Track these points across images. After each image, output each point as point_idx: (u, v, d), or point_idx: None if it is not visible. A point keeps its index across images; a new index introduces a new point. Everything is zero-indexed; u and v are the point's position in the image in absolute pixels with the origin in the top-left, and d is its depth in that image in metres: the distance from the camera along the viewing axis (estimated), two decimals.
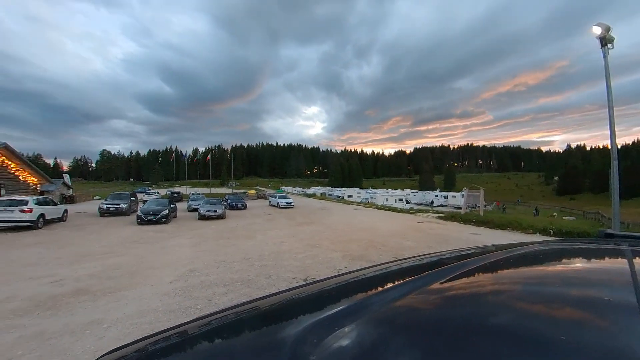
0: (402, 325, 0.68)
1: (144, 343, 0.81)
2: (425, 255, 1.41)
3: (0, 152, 16.50)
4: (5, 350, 3.40)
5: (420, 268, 1.22)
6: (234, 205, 23.20)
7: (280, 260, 7.28)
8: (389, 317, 0.72)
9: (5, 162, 16.91)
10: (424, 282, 0.90)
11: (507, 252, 1.25)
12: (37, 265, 7.30)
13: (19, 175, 18.07)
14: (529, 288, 0.88)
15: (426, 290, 0.85)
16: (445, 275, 0.94)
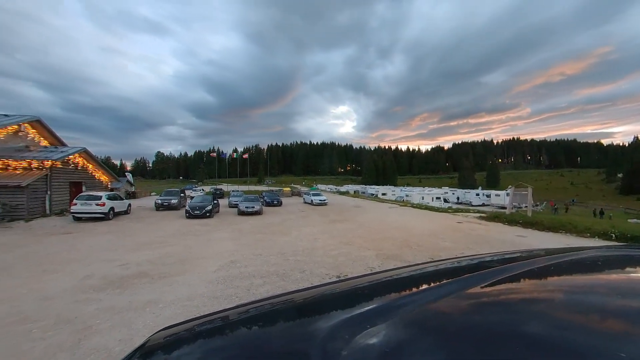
0: (437, 329, 0.65)
1: (192, 324, 0.89)
2: (464, 257, 1.34)
3: (81, 156, 19.76)
4: (87, 319, 4.08)
5: (459, 270, 1.18)
6: (270, 202, 24.01)
7: (313, 256, 7.45)
8: (423, 320, 0.69)
9: (85, 163, 20.14)
10: (462, 285, 0.85)
11: (559, 257, 1.13)
12: (109, 250, 8.46)
13: (95, 174, 21.26)
14: (585, 299, 0.79)
15: (464, 294, 0.80)
16: (486, 279, 0.87)
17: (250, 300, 1.03)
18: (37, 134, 19.23)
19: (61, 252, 8.21)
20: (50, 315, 4.24)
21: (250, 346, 0.74)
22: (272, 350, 0.69)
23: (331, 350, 0.57)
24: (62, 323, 3.98)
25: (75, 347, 3.36)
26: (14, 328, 3.87)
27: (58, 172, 17.16)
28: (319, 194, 27.87)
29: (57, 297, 4.91)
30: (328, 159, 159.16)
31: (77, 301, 4.73)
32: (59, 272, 6.37)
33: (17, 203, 14.44)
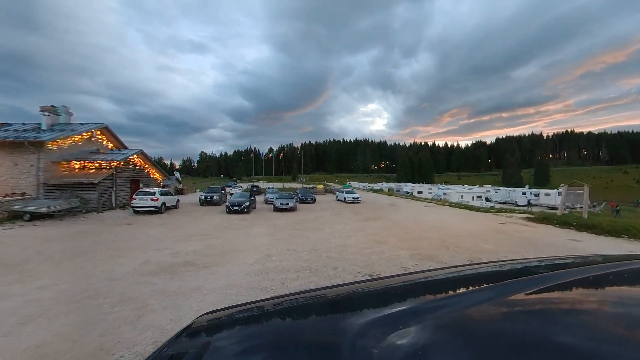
0: (473, 336, 0.61)
1: (231, 310, 0.97)
2: (507, 261, 1.25)
3: (139, 157, 22.43)
4: (144, 299, 4.67)
5: (501, 275, 1.10)
6: (304, 199, 24.50)
7: (346, 254, 7.51)
8: (459, 325, 0.66)
9: (141, 163, 22.86)
10: (504, 291, 0.81)
11: (619, 265, 1.01)
12: (161, 240, 9.43)
13: (149, 173, 23.99)
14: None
15: (506, 300, 0.75)
16: (532, 286, 0.81)
17: (284, 293, 1.08)
18: (105, 138, 22.19)
19: (125, 240, 9.37)
20: (117, 293, 4.93)
21: (283, 335, 0.77)
22: (304, 342, 0.71)
23: (362, 347, 0.57)
24: (125, 300, 4.61)
25: (136, 322, 3.90)
26: (89, 302, 4.59)
27: (121, 171, 19.37)
28: (352, 192, 27.74)
29: (122, 279, 5.67)
30: (361, 156, 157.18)
31: (137, 283, 5.42)
32: (123, 257, 7.31)
33: (90, 197, 16.71)
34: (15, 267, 6.55)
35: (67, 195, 16.29)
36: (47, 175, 16.73)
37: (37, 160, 16.53)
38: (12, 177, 16.63)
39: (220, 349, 0.75)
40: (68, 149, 18.40)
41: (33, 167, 16.56)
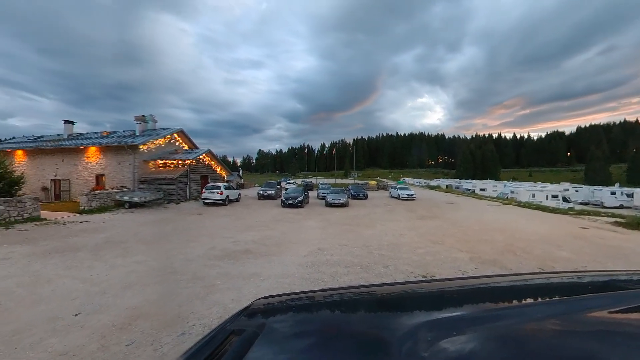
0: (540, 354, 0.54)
1: (285, 297, 1.03)
2: (587, 272, 1.13)
3: (207, 155, 25.63)
4: (211, 279, 5.36)
5: (579, 287, 1.00)
6: (356, 194, 24.39)
7: (398, 252, 7.35)
8: (523, 339, 0.60)
9: (209, 161, 25.99)
10: (583, 306, 0.72)
11: None
12: (226, 229, 10.55)
13: (216, 169, 27.05)
14: None
15: (584, 317, 0.66)
16: (618, 303, 0.71)
17: (335, 287, 1.18)
18: (180, 140, 25.86)
19: (196, 228, 10.76)
20: (190, 272, 5.78)
21: (332, 327, 0.79)
22: (351, 336, 0.71)
23: (411, 349, 0.55)
24: (196, 279, 5.38)
25: (204, 298, 4.55)
26: (170, 277, 5.49)
27: (194, 168, 22.08)
28: (407, 188, 26.63)
29: (194, 260, 6.59)
30: (416, 150, 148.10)
31: (206, 265, 6.25)
32: (195, 242, 8.44)
33: (170, 190, 19.51)
34: (120, 244, 8.16)
35: (153, 188, 19.24)
36: (139, 172, 20.11)
37: (133, 160, 20.01)
38: (117, 173, 20.40)
39: (274, 330, 0.81)
40: (154, 150, 21.90)
41: (130, 165, 20.06)
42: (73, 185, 21.29)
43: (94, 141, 21.84)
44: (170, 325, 3.71)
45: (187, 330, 3.57)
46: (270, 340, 0.76)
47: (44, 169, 22.21)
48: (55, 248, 7.72)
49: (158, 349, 3.20)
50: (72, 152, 21.62)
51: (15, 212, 11.72)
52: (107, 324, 3.76)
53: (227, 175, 28.69)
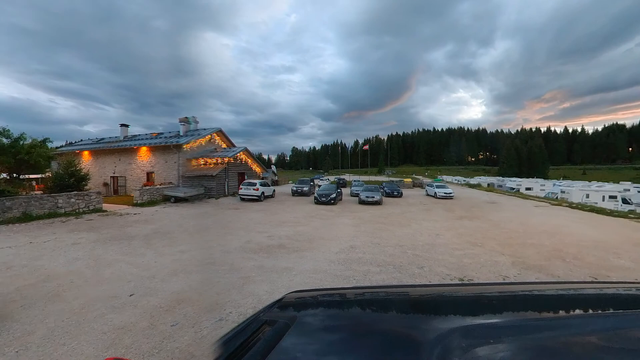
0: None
1: (316, 293, 1.05)
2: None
3: (244, 153, 26.95)
4: (247, 271, 5.65)
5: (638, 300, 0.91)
6: (390, 192, 23.79)
7: (434, 253, 7.09)
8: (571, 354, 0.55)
9: (246, 159, 27.29)
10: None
11: None
12: (261, 224, 10.98)
13: (252, 166, 28.33)
14: None
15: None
16: None
17: (367, 285, 1.21)
18: (219, 139, 27.35)
19: (234, 222, 11.35)
20: (227, 263, 6.14)
21: (362, 324, 0.79)
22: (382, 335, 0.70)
23: (443, 354, 0.53)
24: (234, 270, 5.70)
25: (240, 288, 4.81)
26: (210, 267, 5.89)
27: (231, 165, 23.28)
28: (444, 186, 25.30)
29: (231, 252, 6.98)
30: (455, 146, 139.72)
31: (242, 257, 6.58)
32: (233, 235, 8.92)
33: (210, 186, 20.79)
34: (167, 234, 8.93)
35: (195, 184, 20.62)
36: (183, 170, 21.67)
37: (178, 158, 21.63)
38: (164, 171, 22.21)
39: (305, 323, 0.82)
40: (196, 149, 23.46)
41: (175, 163, 21.70)
42: (128, 181, 23.63)
43: (144, 142, 24.20)
44: (209, 311, 4.00)
45: (224, 317, 3.83)
46: (301, 333, 0.77)
47: (105, 167, 24.92)
48: (114, 236, 8.67)
49: (198, 332, 3.48)
50: (127, 152, 23.99)
51: (83, 204, 13.38)
52: (155, 306, 4.17)
53: (262, 172, 29.73)
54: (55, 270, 5.67)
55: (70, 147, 28.58)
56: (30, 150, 15.28)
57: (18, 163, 15.15)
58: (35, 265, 5.98)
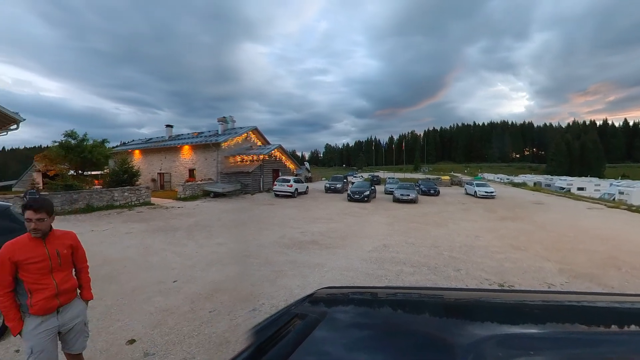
0: None
1: (348, 290, 1.06)
2: None
3: (278, 150, 27.71)
4: (280, 265, 5.79)
5: None
6: (427, 190, 22.93)
7: (472, 256, 6.71)
8: None
9: (280, 156, 28.06)
10: None
11: None
12: (294, 220, 11.22)
13: (286, 163, 29.02)
14: None
15: None
16: None
17: (399, 285, 1.19)
18: (255, 137, 28.37)
19: (268, 217, 11.72)
20: (262, 256, 6.36)
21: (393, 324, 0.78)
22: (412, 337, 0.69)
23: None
24: (267, 264, 5.89)
25: (273, 281, 4.96)
26: (246, 259, 6.15)
27: (266, 162, 24.00)
28: (485, 185, 23.67)
29: (266, 246, 7.22)
30: (497, 142, 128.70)
31: (276, 252, 6.78)
32: (268, 230, 9.22)
33: (247, 183, 21.68)
34: (207, 227, 9.50)
35: (233, 180, 21.62)
36: (221, 166, 22.84)
37: (217, 156, 22.85)
38: (204, 167, 23.62)
39: (336, 319, 0.83)
40: (233, 147, 24.57)
41: (214, 160, 22.97)
42: (172, 177, 25.50)
43: (187, 141, 25.99)
44: (244, 300, 4.19)
45: (257, 307, 3.98)
46: (331, 328, 0.78)
47: (153, 164, 27.13)
48: (160, 227, 9.42)
49: (233, 320, 3.66)
50: (171, 150, 25.88)
51: (134, 198, 14.72)
52: (195, 292, 4.47)
53: (296, 169, 30.26)
54: (112, 256, 6.33)
55: (123, 147, 31.53)
56: (92, 149, 17.19)
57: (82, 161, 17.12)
58: (96, 250, 6.72)
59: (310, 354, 0.67)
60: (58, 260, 1.99)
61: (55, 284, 1.96)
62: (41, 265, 1.91)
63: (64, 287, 2.01)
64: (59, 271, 2.00)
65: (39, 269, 1.90)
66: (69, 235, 2.18)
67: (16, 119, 11.43)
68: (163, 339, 3.25)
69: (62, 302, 2.01)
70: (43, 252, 1.93)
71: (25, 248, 1.89)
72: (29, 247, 1.90)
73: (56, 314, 1.98)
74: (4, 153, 78.72)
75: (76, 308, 2.11)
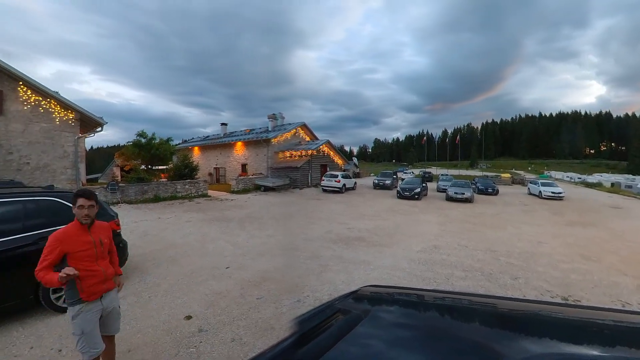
0: None
1: (393, 290, 1.04)
2: None
3: (326, 146, 28.04)
4: (326, 260, 5.82)
5: None
6: (484, 189, 21.09)
7: (533, 264, 6.00)
8: None
9: (328, 151, 28.39)
10: None
11: None
12: (341, 215, 11.24)
13: (334, 159, 29.20)
14: None
15: None
16: None
17: (448, 289, 1.10)
18: (303, 133, 28.90)
19: (315, 212, 11.92)
20: (309, 250, 6.47)
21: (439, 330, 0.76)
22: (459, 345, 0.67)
23: None
24: (314, 257, 5.96)
25: (319, 275, 4.99)
26: (293, 252, 6.32)
27: (314, 157, 24.40)
28: (552, 184, 20.75)
29: (313, 240, 7.33)
30: (568, 135, 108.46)
31: (322, 246, 6.83)
32: (315, 224, 9.37)
33: (295, 177, 22.28)
34: (257, 219, 10.01)
35: (282, 175, 22.42)
36: (271, 162, 23.83)
37: (267, 151, 23.88)
38: (255, 163, 24.93)
39: (378, 318, 0.83)
40: (282, 143, 25.41)
41: (265, 156, 24.05)
42: (227, 172, 27.43)
43: (239, 137, 27.65)
44: (289, 291, 4.30)
45: (301, 299, 4.05)
46: (374, 326, 0.77)
47: (209, 160, 29.51)
48: (216, 217, 10.21)
49: (279, 308, 3.79)
50: (226, 146, 27.82)
51: (194, 190, 16.21)
52: (245, 279, 4.73)
53: (344, 164, 30.21)
54: (174, 241, 7.04)
55: (185, 144, 34.81)
56: (159, 147, 19.36)
57: (151, 157, 19.38)
58: (163, 235, 7.56)
59: (350, 350, 0.68)
60: (101, 249, 2.15)
61: (102, 270, 2.14)
62: (89, 253, 2.07)
63: (108, 273, 2.19)
64: (102, 259, 2.17)
65: (87, 257, 2.06)
66: (108, 226, 2.35)
67: (100, 122, 13.55)
68: (215, 319, 3.51)
69: (107, 287, 2.19)
70: (89, 240, 2.09)
71: (74, 237, 2.03)
72: (77, 237, 2.05)
73: (100, 298, 2.14)
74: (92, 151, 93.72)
75: (113, 292, 2.27)
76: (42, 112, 11.83)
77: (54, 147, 12.18)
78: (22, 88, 11.36)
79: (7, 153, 11.08)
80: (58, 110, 12.24)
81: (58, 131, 12.27)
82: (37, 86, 11.56)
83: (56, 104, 12.20)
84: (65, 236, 2.01)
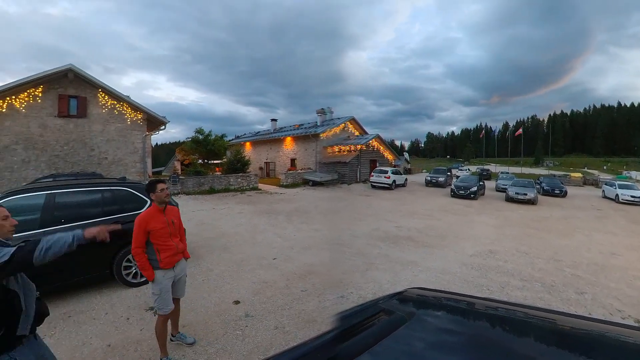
0: None
1: (441, 294, 1.00)
2: None
3: (376, 140, 27.27)
4: (372, 258, 5.70)
5: None
6: (550, 190, 18.62)
7: (603, 278, 5.20)
8: None
9: (378, 146, 27.62)
10: None
11: None
12: (390, 213, 10.93)
13: (384, 154, 28.38)
14: None
15: None
16: None
17: (503, 299, 1.02)
18: (352, 127, 28.60)
19: (363, 208, 11.79)
20: (355, 246, 6.41)
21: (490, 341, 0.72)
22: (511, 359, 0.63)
23: None
24: (359, 254, 5.88)
25: (364, 273, 4.90)
26: (339, 247, 6.34)
27: (363, 152, 24.00)
28: (632, 186, 17.49)
29: (359, 237, 7.25)
30: None
31: (369, 244, 6.71)
32: (362, 221, 9.26)
33: (343, 172, 22.22)
34: (305, 213, 10.25)
35: (330, 170, 22.56)
36: (320, 156, 24.11)
37: (316, 146, 24.22)
38: (304, 157, 25.51)
39: (423, 321, 0.80)
40: (331, 137, 25.48)
41: (313, 151, 24.44)
42: (276, 166, 28.58)
43: (288, 133, 28.43)
44: (333, 286, 4.31)
45: (345, 295, 4.03)
46: (417, 330, 0.75)
47: (260, 154, 31.05)
48: (265, 210, 10.71)
49: (322, 302, 3.82)
50: (276, 142, 28.93)
51: (245, 183, 17.25)
52: (291, 271, 4.87)
53: (394, 159, 29.20)
54: (227, 230, 7.58)
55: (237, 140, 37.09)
56: (214, 142, 20.95)
57: (207, 152, 21.11)
58: (217, 224, 8.19)
59: (389, 352, 0.67)
60: (173, 228, 2.69)
61: (175, 245, 2.66)
62: (165, 231, 2.60)
63: (180, 247, 2.72)
64: (174, 236, 2.71)
65: (164, 234, 2.59)
66: (177, 210, 2.91)
67: (164, 121, 15.21)
68: (261, 306, 3.70)
69: (179, 258, 2.74)
70: (164, 220, 2.62)
71: (155, 217, 2.57)
72: (156, 217, 2.58)
73: (173, 267, 2.66)
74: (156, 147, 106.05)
75: (183, 263, 2.82)
76: (116, 114, 13.93)
77: (126, 144, 14.23)
78: (101, 94, 13.56)
79: (90, 150, 13.35)
80: (129, 112, 14.25)
81: (129, 130, 14.28)
82: (112, 92, 13.68)
83: (127, 107, 14.22)
84: (148, 217, 2.55)
